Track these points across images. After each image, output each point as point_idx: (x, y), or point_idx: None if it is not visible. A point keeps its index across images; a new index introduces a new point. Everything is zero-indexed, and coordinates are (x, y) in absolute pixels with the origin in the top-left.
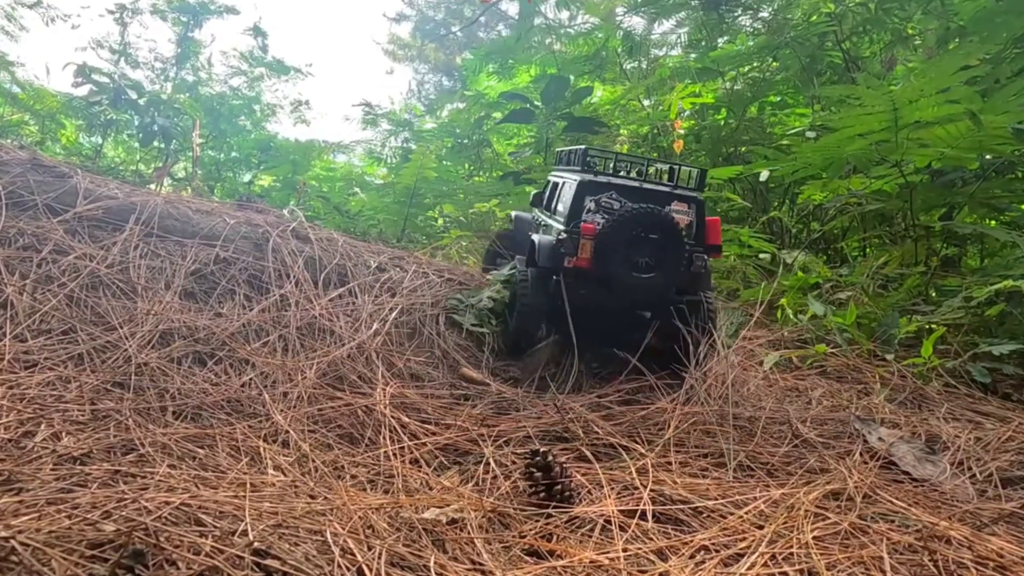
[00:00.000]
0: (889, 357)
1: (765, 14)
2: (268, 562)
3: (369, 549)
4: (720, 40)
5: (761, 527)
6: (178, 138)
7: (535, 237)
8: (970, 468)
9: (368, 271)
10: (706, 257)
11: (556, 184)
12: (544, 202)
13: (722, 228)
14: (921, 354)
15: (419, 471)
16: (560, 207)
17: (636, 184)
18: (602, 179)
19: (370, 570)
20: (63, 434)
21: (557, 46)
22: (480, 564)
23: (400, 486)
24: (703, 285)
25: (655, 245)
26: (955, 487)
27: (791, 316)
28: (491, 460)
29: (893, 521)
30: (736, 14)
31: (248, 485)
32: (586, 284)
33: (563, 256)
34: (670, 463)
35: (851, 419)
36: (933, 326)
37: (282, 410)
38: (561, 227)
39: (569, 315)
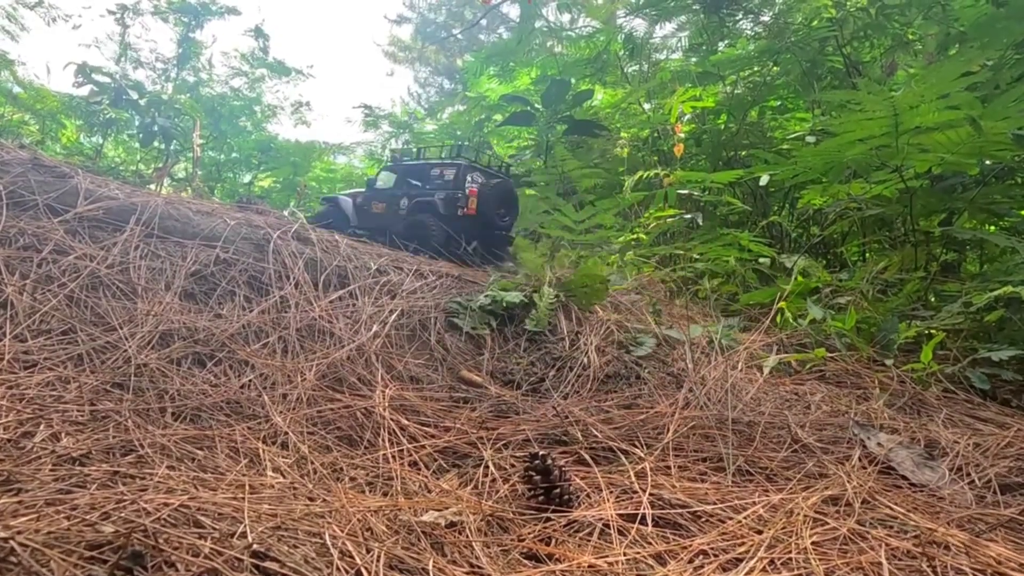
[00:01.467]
0: (888, 362)
1: (766, 18)
2: (267, 564)
3: (368, 551)
4: (721, 44)
5: (760, 532)
6: (178, 139)
7: (433, 199)
8: (969, 474)
9: (368, 273)
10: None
11: (421, 169)
12: (396, 184)
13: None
14: (920, 359)
15: (418, 474)
16: (440, 182)
17: (484, 168)
18: (474, 165)
19: (369, 572)
20: (62, 435)
21: (558, 48)
22: (479, 567)
23: (399, 488)
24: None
25: (506, 203)
26: (953, 492)
27: (790, 320)
28: (490, 463)
29: (892, 527)
30: (737, 18)
31: (247, 487)
32: (470, 223)
33: (458, 207)
34: (669, 467)
35: (850, 424)
36: (932, 331)
37: (281, 412)
38: (446, 192)
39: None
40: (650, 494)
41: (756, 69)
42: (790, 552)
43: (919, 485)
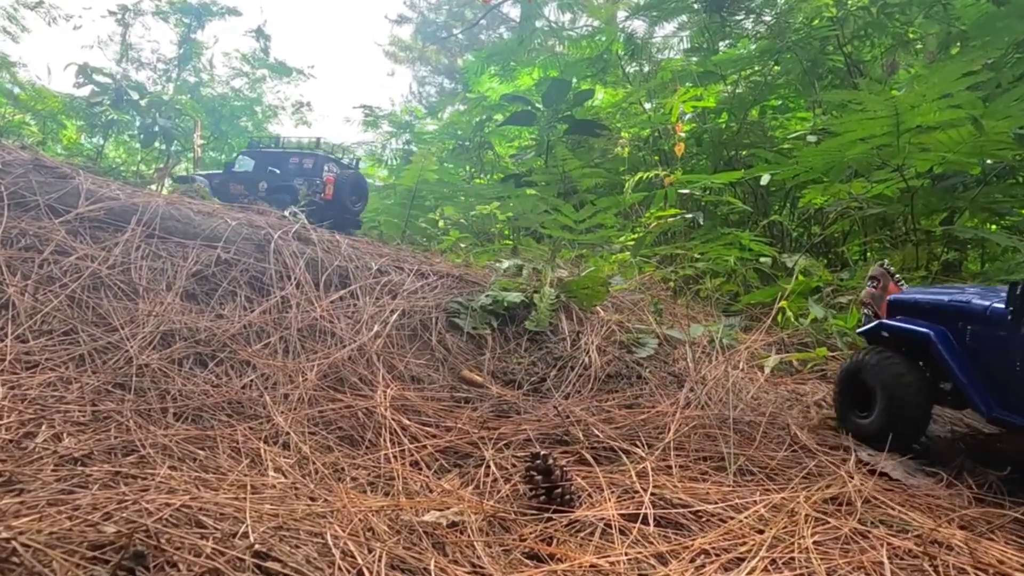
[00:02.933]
0: None
1: (768, 18)
2: (269, 564)
3: (369, 552)
4: (722, 44)
5: (761, 531)
6: (179, 139)
7: (292, 184)
8: (970, 475)
9: (369, 273)
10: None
11: (280, 157)
12: (255, 169)
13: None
14: None
15: (419, 474)
16: (299, 170)
17: (337, 159)
18: (330, 156)
19: (370, 572)
20: (64, 435)
21: (559, 48)
22: (480, 567)
23: (400, 488)
24: None
25: (358, 191)
26: (951, 494)
27: (792, 319)
28: (491, 463)
29: (893, 526)
30: (738, 18)
31: (249, 487)
32: (326, 207)
33: (318, 193)
34: (670, 467)
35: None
36: None
37: (283, 412)
38: (305, 179)
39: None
40: (651, 494)
41: (757, 68)
42: (792, 551)
43: (914, 487)
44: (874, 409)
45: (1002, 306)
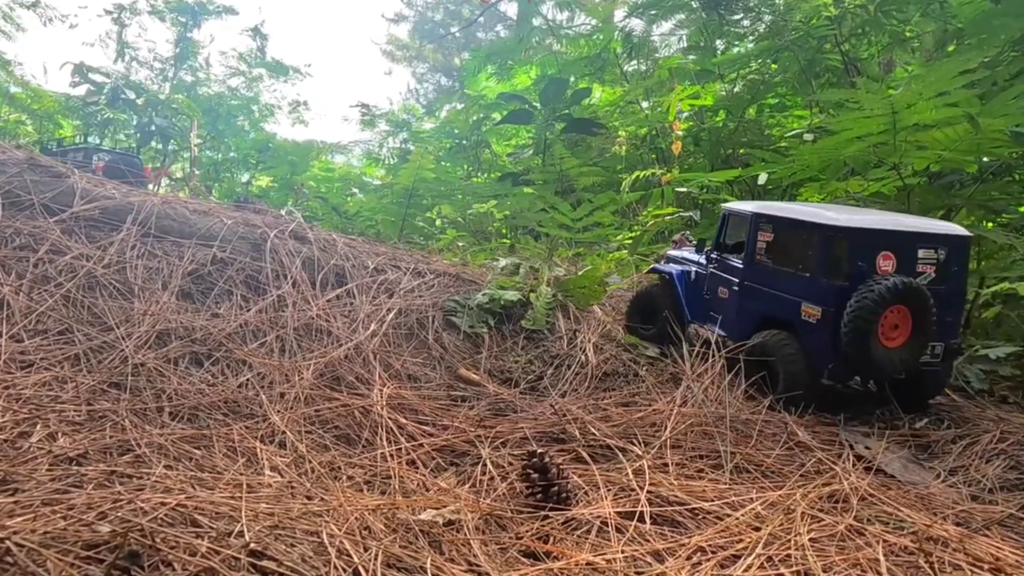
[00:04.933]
0: None
1: (767, 17)
2: (264, 563)
3: (365, 550)
4: (719, 43)
5: (758, 529)
6: (176, 138)
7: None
8: (965, 472)
9: (366, 272)
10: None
11: (64, 152)
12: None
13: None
14: None
15: (416, 472)
16: (75, 160)
17: (108, 150)
18: (101, 149)
19: (366, 571)
20: (59, 434)
21: (557, 47)
22: (477, 566)
23: (397, 487)
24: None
25: (133, 175)
26: (944, 491)
27: None
28: (488, 461)
29: (889, 523)
30: (737, 17)
31: (244, 486)
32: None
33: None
34: (667, 464)
35: (840, 428)
36: None
37: (279, 411)
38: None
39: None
40: (648, 491)
41: (755, 67)
42: (788, 549)
43: (909, 484)
44: (656, 323)
45: None
